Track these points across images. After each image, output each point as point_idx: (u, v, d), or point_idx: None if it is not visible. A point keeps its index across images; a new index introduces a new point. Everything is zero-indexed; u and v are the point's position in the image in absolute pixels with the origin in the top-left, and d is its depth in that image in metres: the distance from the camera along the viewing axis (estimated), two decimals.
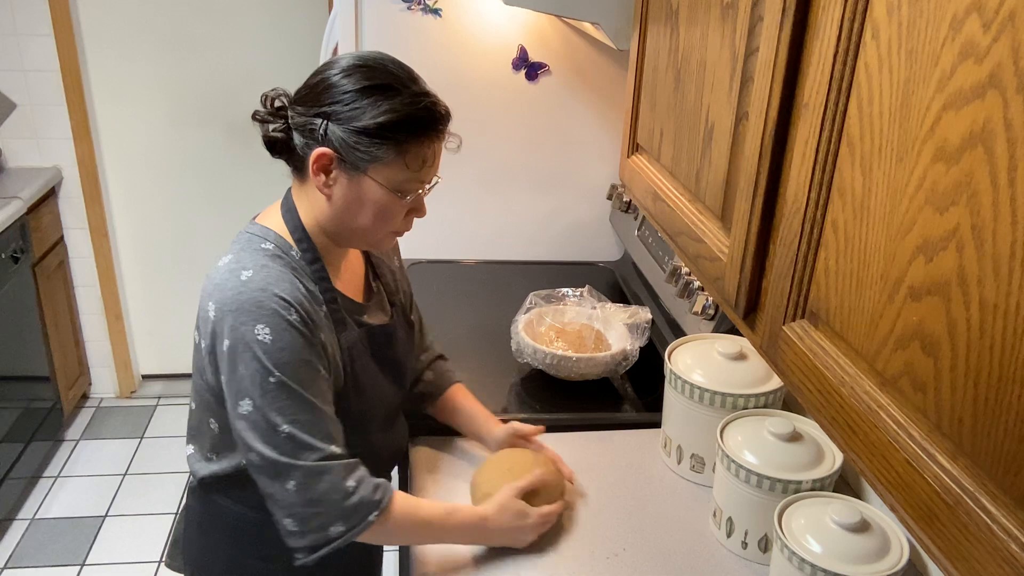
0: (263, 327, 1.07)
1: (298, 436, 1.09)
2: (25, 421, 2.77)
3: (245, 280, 1.09)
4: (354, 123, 1.08)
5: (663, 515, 1.39)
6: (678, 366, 1.45)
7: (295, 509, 1.10)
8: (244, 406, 1.09)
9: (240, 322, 1.07)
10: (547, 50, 2.17)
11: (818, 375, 0.76)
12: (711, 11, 1.03)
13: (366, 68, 1.11)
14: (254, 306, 1.07)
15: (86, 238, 3.13)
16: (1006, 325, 0.53)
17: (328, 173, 1.12)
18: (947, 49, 0.58)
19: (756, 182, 0.87)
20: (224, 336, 1.09)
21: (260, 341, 1.07)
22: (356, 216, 1.14)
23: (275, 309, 1.08)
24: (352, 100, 1.08)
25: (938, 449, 0.60)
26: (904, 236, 0.63)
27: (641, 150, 1.37)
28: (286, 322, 1.08)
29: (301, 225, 1.18)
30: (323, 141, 1.10)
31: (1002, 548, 0.53)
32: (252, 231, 1.19)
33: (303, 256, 1.17)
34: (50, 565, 2.54)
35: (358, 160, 1.09)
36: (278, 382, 1.07)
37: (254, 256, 1.13)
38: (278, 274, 1.11)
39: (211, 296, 1.11)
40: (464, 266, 2.33)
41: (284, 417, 1.08)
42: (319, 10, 3.03)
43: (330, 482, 1.10)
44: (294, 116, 1.12)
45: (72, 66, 2.91)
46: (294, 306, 1.09)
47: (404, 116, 1.09)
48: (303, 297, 1.11)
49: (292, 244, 1.17)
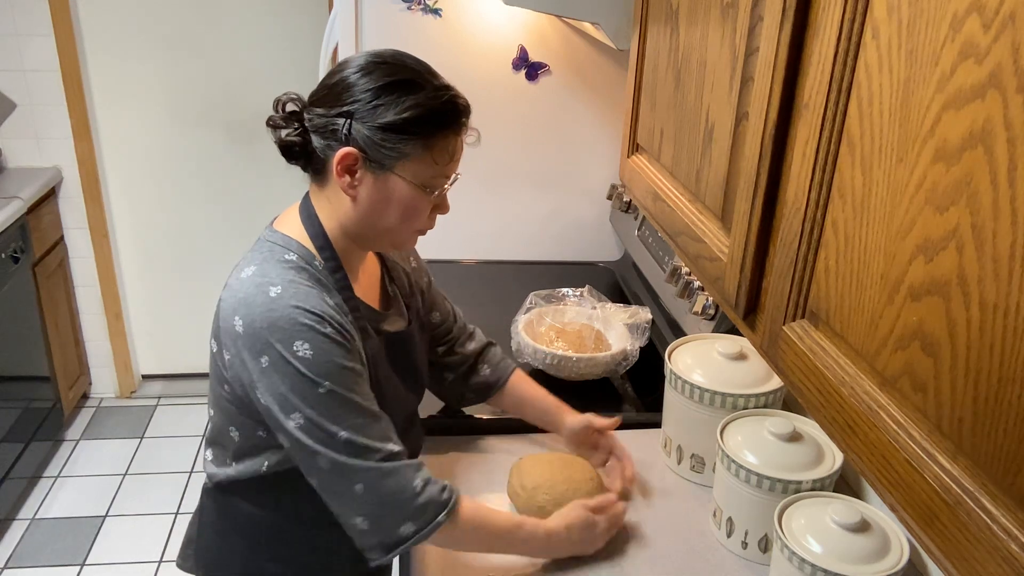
0: (301, 343, 1.06)
1: (357, 440, 1.08)
2: (25, 421, 2.77)
3: (275, 297, 1.07)
4: (379, 120, 1.07)
5: (663, 515, 1.39)
6: (678, 366, 1.45)
7: (365, 509, 1.09)
8: (295, 419, 1.07)
9: (277, 339, 1.06)
10: (547, 50, 2.17)
11: (818, 375, 0.76)
12: (711, 11, 1.03)
13: (385, 65, 1.10)
14: (288, 323, 1.06)
15: (86, 238, 3.13)
16: (1006, 325, 0.53)
17: (353, 173, 1.10)
18: (947, 49, 0.58)
19: (756, 182, 0.87)
20: (261, 353, 1.07)
21: (302, 357, 1.06)
22: (383, 216, 1.13)
23: (310, 324, 1.07)
24: (375, 97, 1.07)
25: (938, 449, 0.60)
26: (904, 236, 0.63)
27: (641, 150, 1.37)
28: (323, 335, 1.07)
29: (323, 232, 1.16)
30: (347, 141, 1.08)
31: (1002, 548, 0.53)
32: (273, 240, 1.16)
33: (326, 265, 1.16)
34: (50, 565, 2.54)
35: (384, 158, 1.08)
36: (327, 391, 1.07)
37: (280, 270, 1.11)
38: (306, 290, 1.10)
39: (236, 311, 1.09)
40: (464, 266, 2.33)
41: (340, 424, 1.07)
42: (319, 10, 3.03)
43: (397, 481, 1.10)
44: (312, 119, 1.11)
45: (72, 66, 2.91)
46: (328, 320, 1.09)
47: (429, 110, 1.08)
48: (332, 311, 1.10)
49: (315, 253, 1.15)
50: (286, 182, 3.08)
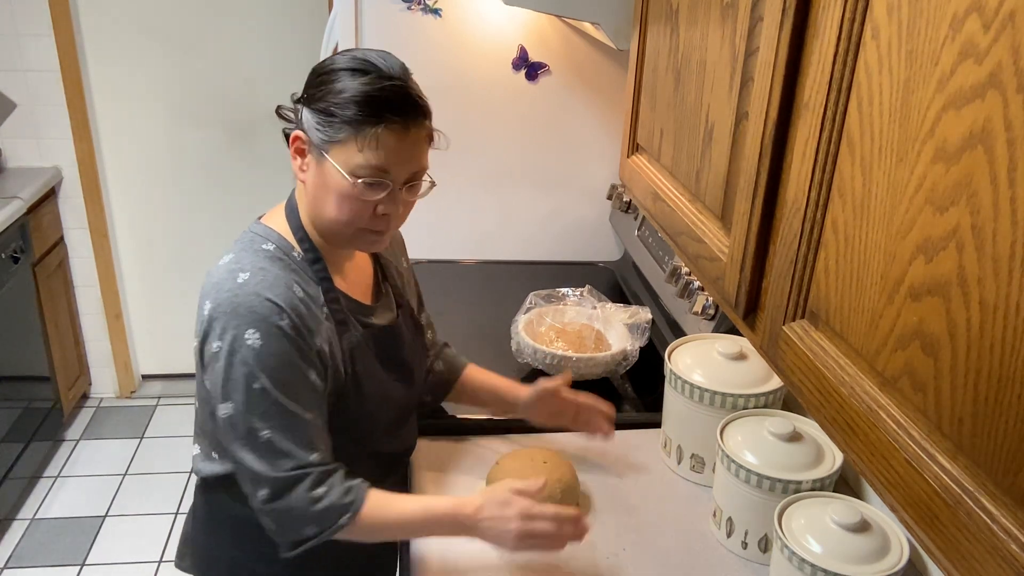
0: (253, 331, 1.07)
1: (277, 443, 1.09)
2: (25, 421, 2.77)
3: (241, 283, 1.09)
4: (320, 103, 1.09)
5: (663, 515, 1.39)
6: (678, 366, 1.45)
7: (269, 514, 1.12)
8: (225, 408, 1.10)
9: (232, 325, 1.08)
10: (547, 50, 2.17)
11: (818, 375, 0.76)
12: (711, 11, 1.03)
13: (352, 57, 1.11)
14: (247, 310, 1.08)
15: (86, 238, 3.13)
16: (1006, 325, 0.53)
17: (303, 155, 1.14)
18: (947, 49, 0.58)
19: (756, 182, 0.87)
20: (214, 338, 1.09)
21: (249, 346, 1.07)
22: (324, 203, 1.13)
23: (267, 314, 1.08)
24: (326, 82, 1.09)
25: (938, 449, 0.60)
26: (904, 236, 0.63)
27: (641, 150, 1.37)
28: (277, 328, 1.08)
29: (302, 225, 1.19)
30: (300, 123, 1.13)
31: (1002, 548, 0.53)
32: (255, 231, 1.19)
33: (305, 256, 1.17)
34: (50, 565, 2.54)
35: (320, 140, 1.10)
36: (262, 388, 1.08)
37: (254, 257, 1.13)
38: (274, 277, 1.11)
39: (208, 295, 1.12)
40: (464, 266, 2.33)
41: (265, 423, 1.09)
42: (319, 10, 3.03)
43: (299, 493, 1.10)
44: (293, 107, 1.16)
45: (72, 66, 2.91)
46: (287, 311, 1.09)
47: (361, 94, 1.07)
48: (299, 301, 1.11)
49: (294, 244, 1.18)
50: (286, 181, 3.08)
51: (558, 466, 1.35)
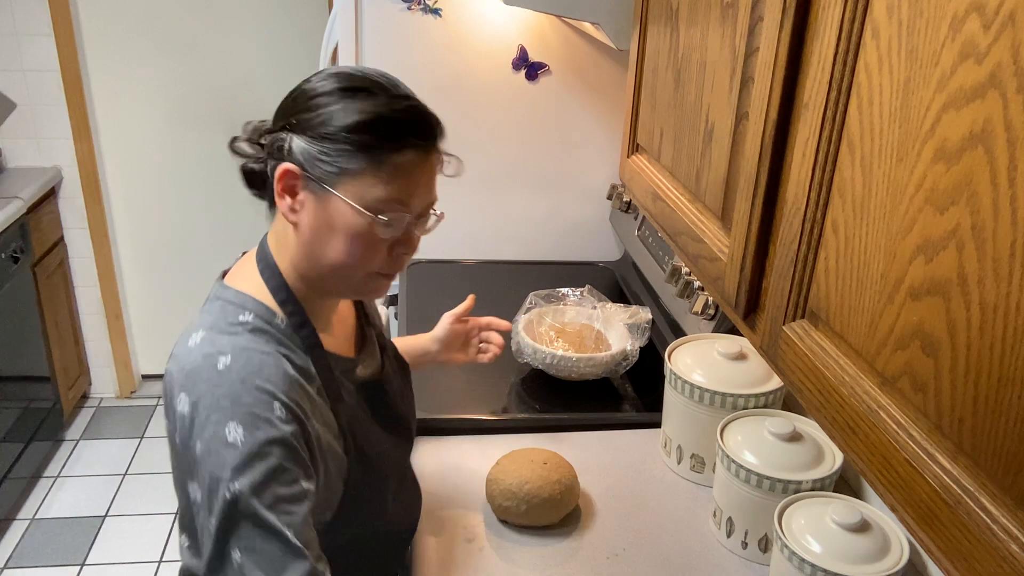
0: (236, 426, 0.89)
1: (246, 570, 0.89)
2: (25, 421, 2.77)
3: (223, 370, 0.91)
4: (320, 129, 0.92)
5: (663, 515, 1.39)
6: (678, 366, 1.45)
7: None
8: (209, 522, 0.90)
9: (213, 420, 0.90)
10: (547, 50, 2.17)
11: (818, 375, 0.76)
12: (711, 11, 1.03)
13: (344, 75, 0.96)
14: (230, 401, 0.90)
15: (86, 238, 3.13)
16: (1006, 325, 0.53)
17: (294, 194, 0.95)
18: (947, 49, 0.58)
19: (756, 182, 0.87)
20: (196, 437, 0.91)
21: (230, 444, 0.88)
22: (326, 247, 0.96)
23: (257, 407, 0.90)
24: (322, 105, 0.93)
25: (938, 449, 0.60)
26: (904, 236, 0.63)
27: (641, 150, 1.37)
28: (267, 423, 0.90)
29: (283, 282, 1.00)
30: (288, 155, 0.94)
31: (1002, 548, 0.53)
32: (225, 297, 0.99)
33: (290, 322, 0.99)
34: (50, 565, 2.54)
35: (324, 174, 0.92)
36: (240, 499, 0.88)
37: (232, 336, 0.94)
38: (261, 358, 0.93)
39: (182, 386, 0.93)
40: (464, 266, 2.33)
41: (238, 541, 0.89)
42: (319, 10, 3.03)
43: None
44: (266, 138, 0.98)
45: (72, 66, 2.91)
46: (281, 400, 0.92)
47: (378, 116, 0.92)
48: (294, 383, 0.94)
49: (275, 309, 0.98)
50: None
51: (558, 466, 1.35)
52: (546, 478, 1.31)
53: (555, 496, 1.31)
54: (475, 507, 1.38)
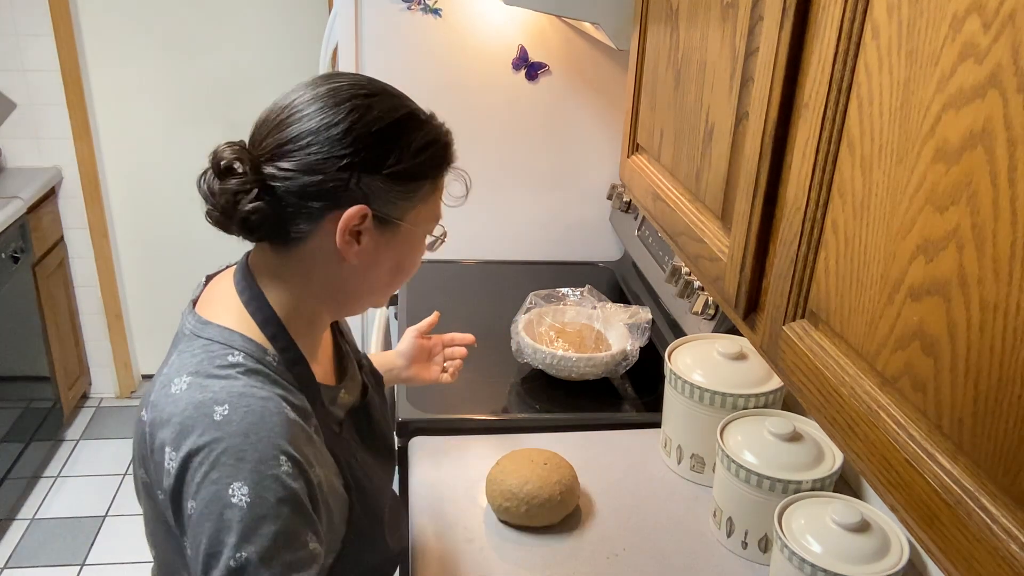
0: (241, 486, 0.82)
1: None
2: (25, 421, 2.77)
3: (221, 421, 0.83)
4: (389, 167, 0.88)
5: (663, 515, 1.39)
6: (678, 366, 1.45)
7: None
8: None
9: (212, 479, 0.82)
10: (547, 50, 2.17)
11: (818, 375, 0.76)
12: (711, 11, 1.03)
13: (376, 98, 0.90)
14: (234, 459, 0.82)
15: (86, 238, 3.13)
16: (1006, 325, 0.53)
17: (358, 236, 0.91)
18: (947, 49, 0.58)
19: (756, 182, 0.87)
20: (189, 495, 0.83)
21: (235, 505, 0.81)
22: (384, 275, 0.95)
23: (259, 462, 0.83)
24: (382, 142, 0.88)
25: (938, 449, 0.60)
26: (904, 236, 0.63)
27: (641, 150, 1.37)
28: (273, 480, 0.83)
29: (272, 314, 0.93)
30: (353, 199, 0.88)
31: (1002, 548, 0.53)
32: (209, 336, 0.90)
33: (282, 358, 0.92)
34: (50, 565, 2.54)
35: (395, 209, 0.91)
36: (247, 568, 0.81)
37: (225, 380, 0.86)
38: (262, 407, 0.85)
39: (170, 441, 0.84)
40: (464, 266, 2.33)
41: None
42: (319, 10, 3.03)
43: None
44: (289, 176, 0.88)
45: (72, 66, 2.91)
46: (286, 451, 0.85)
47: (440, 146, 0.94)
48: (296, 428, 0.87)
49: (266, 346, 0.91)
50: None
51: (558, 467, 1.35)
52: (546, 478, 1.31)
53: (555, 496, 1.31)
54: (475, 507, 1.38)
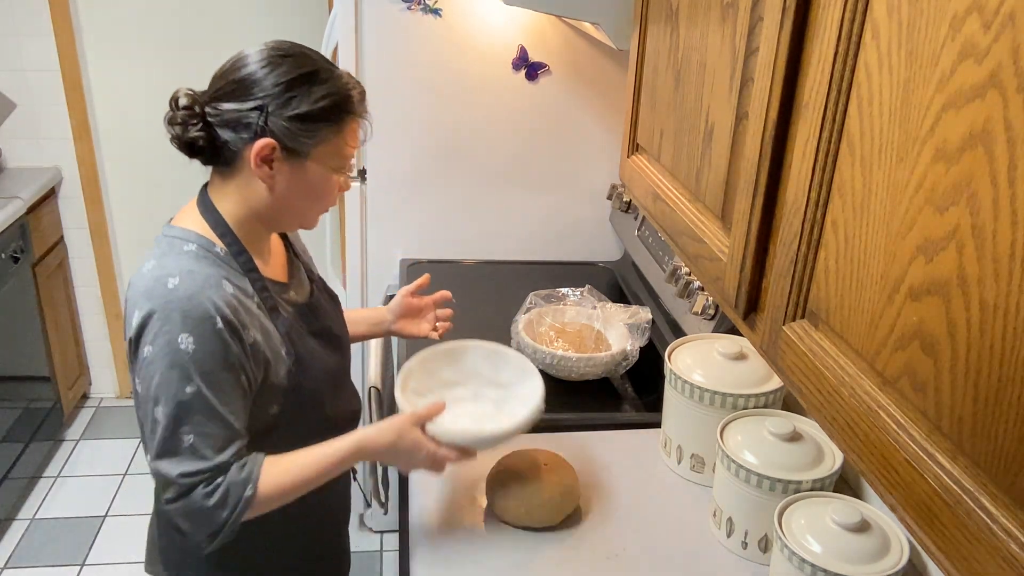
0: (187, 336, 1.09)
1: (199, 448, 1.11)
2: (25, 421, 2.77)
3: (172, 288, 1.10)
4: (294, 111, 1.13)
5: (663, 515, 1.39)
6: (678, 366, 1.45)
7: (177, 513, 1.13)
8: (156, 412, 1.10)
9: (165, 331, 1.09)
10: (547, 50, 2.17)
11: (818, 375, 0.76)
12: (711, 11, 1.03)
13: (289, 57, 1.15)
14: (181, 315, 1.09)
15: (86, 238, 3.13)
16: (1006, 325, 0.53)
17: (271, 163, 1.15)
18: (947, 49, 0.58)
19: (756, 182, 0.87)
20: (146, 343, 1.10)
21: (183, 351, 1.08)
22: (298, 200, 1.19)
23: (201, 317, 1.09)
24: (287, 89, 1.13)
25: (938, 449, 0.60)
26: (904, 236, 0.63)
27: (641, 150, 1.37)
28: (212, 330, 1.10)
29: (223, 220, 1.20)
30: (263, 132, 1.13)
31: (1002, 548, 0.53)
32: (172, 234, 1.19)
33: (229, 251, 1.19)
34: (50, 565, 2.54)
35: (302, 145, 1.15)
36: (195, 392, 1.09)
37: (178, 260, 1.14)
38: (204, 277, 1.12)
39: (136, 303, 1.12)
40: (464, 266, 2.33)
41: (192, 427, 1.10)
42: (319, 10, 3.03)
43: (198, 492, 1.12)
44: (220, 113, 1.15)
45: (72, 66, 2.91)
46: (221, 311, 1.11)
47: (341, 97, 1.15)
48: (231, 297, 1.13)
49: (215, 240, 1.19)
50: None
51: (558, 467, 1.35)
52: (546, 479, 1.31)
53: (555, 497, 1.31)
54: (475, 507, 1.38)
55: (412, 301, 1.60)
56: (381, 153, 2.21)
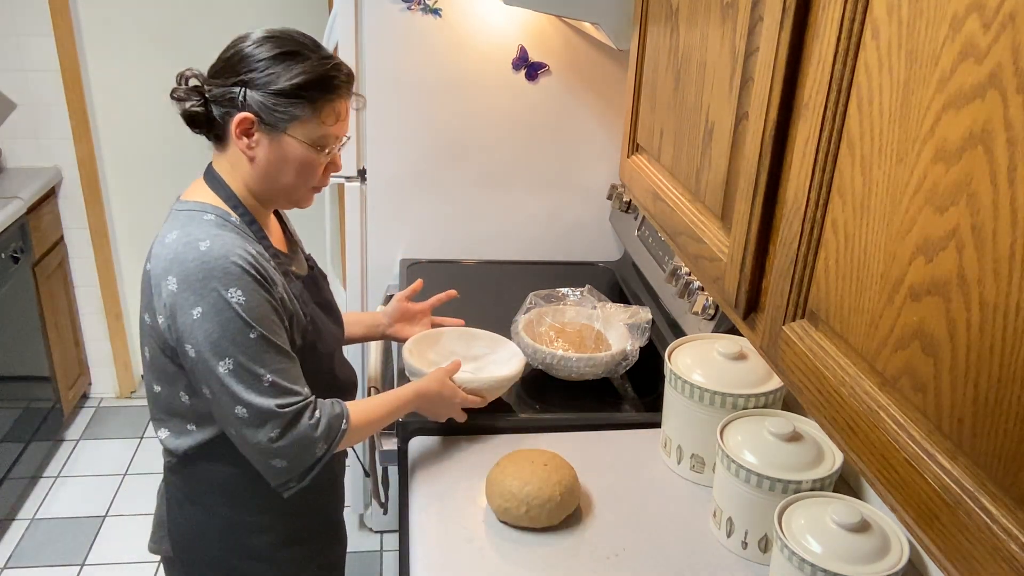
0: (235, 290, 1.16)
1: (280, 383, 1.20)
2: (25, 421, 2.77)
3: (206, 250, 1.17)
4: (271, 87, 1.19)
5: (663, 515, 1.39)
6: (678, 366, 1.45)
7: (279, 450, 1.20)
8: (226, 364, 1.17)
9: (212, 288, 1.15)
10: (547, 50, 2.17)
11: (818, 375, 0.76)
12: (711, 11, 1.03)
13: (275, 38, 1.22)
14: (222, 272, 1.16)
15: (86, 238, 3.13)
16: (1006, 325, 0.53)
17: (250, 135, 1.22)
18: (947, 49, 0.58)
19: (756, 182, 0.87)
20: (195, 305, 1.16)
21: (236, 303, 1.16)
22: (280, 174, 1.25)
23: (239, 273, 1.17)
24: (267, 67, 1.19)
25: (938, 449, 0.60)
26: (904, 236, 0.63)
27: (641, 150, 1.37)
28: (254, 282, 1.18)
29: (232, 192, 1.27)
30: (243, 107, 1.20)
31: (1002, 548, 0.53)
32: (188, 208, 1.25)
33: (242, 220, 1.26)
34: (50, 565, 2.54)
35: (277, 120, 1.20)
36: (259, 336, 1.18)
37: (203, 227, 1.20)
38: (231, 240, 1.19)
39: (168, 271, 1.17)
40: (464, 266, 2.33)
41: (267, 368, 1.19)
42: (319, 10, 3.03)
43: (304, 421, 1.22)
44: (211, 89, 1.23)
45: (72, 66, 2.91)
46: (255, 267, 1.19)
47: (316, 76, 1.20)
48: (256, 259, 1.20)
49: (229, 211, 1.25)
50: None
51: (558, 467, 1.35)
52: (547, 479, 1.31)
53: (555, 497, 1.31)
54: (475, 507, 1.38)
55: (407, 306, 1.68)
56: (381, 153, 2.21)
